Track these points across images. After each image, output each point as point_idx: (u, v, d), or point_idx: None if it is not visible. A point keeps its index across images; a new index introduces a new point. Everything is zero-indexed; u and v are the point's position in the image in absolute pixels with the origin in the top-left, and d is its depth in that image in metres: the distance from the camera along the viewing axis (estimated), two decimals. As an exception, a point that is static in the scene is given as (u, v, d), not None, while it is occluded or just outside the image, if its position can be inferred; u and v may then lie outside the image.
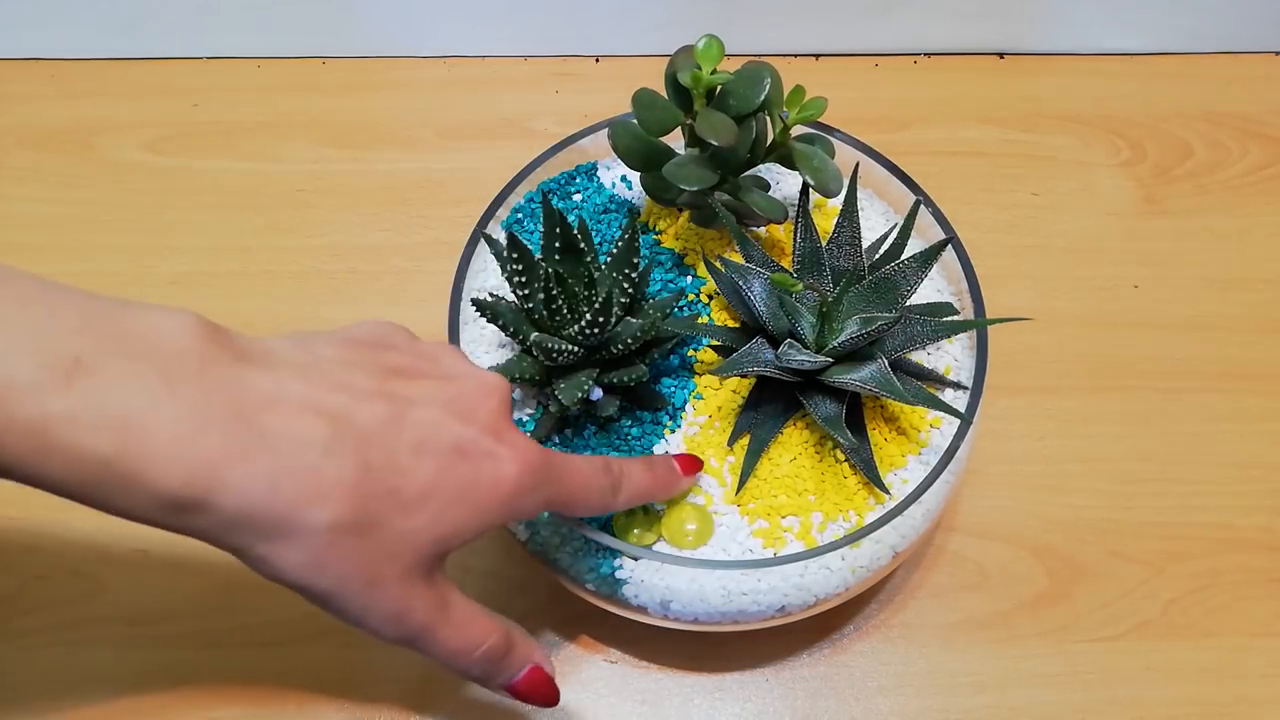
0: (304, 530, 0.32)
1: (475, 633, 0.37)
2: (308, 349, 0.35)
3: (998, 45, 0.70)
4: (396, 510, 0.34)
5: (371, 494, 0.33)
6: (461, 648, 0.37)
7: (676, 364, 0.48)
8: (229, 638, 0.50)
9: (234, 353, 0.33)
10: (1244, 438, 0.55)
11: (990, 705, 0.48)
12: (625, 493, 0.41)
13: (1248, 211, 0.63)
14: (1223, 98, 0.68)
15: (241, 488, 0.31)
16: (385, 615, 0.35)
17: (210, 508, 0.31)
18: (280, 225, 0.62)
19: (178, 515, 0.31)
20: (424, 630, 0.36)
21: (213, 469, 0.30)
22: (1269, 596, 0.51)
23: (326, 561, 0.33)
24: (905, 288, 0.45)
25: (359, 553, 0.33)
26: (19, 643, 0.49)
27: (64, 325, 0.30)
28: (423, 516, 0.34)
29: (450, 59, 0.70)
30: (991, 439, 0.54)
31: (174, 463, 0.30)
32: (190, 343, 0.32)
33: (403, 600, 0.35)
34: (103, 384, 0.30)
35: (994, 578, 0.51)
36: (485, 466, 0.35)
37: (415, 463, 0.34)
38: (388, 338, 0.38)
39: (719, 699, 0.48)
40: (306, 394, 0.33)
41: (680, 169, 0.45)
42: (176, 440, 0.30)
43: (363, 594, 0.34)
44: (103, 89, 0.68)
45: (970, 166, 0.65)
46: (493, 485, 0.35)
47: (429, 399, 0.35)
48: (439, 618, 0.36)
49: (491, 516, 0.36)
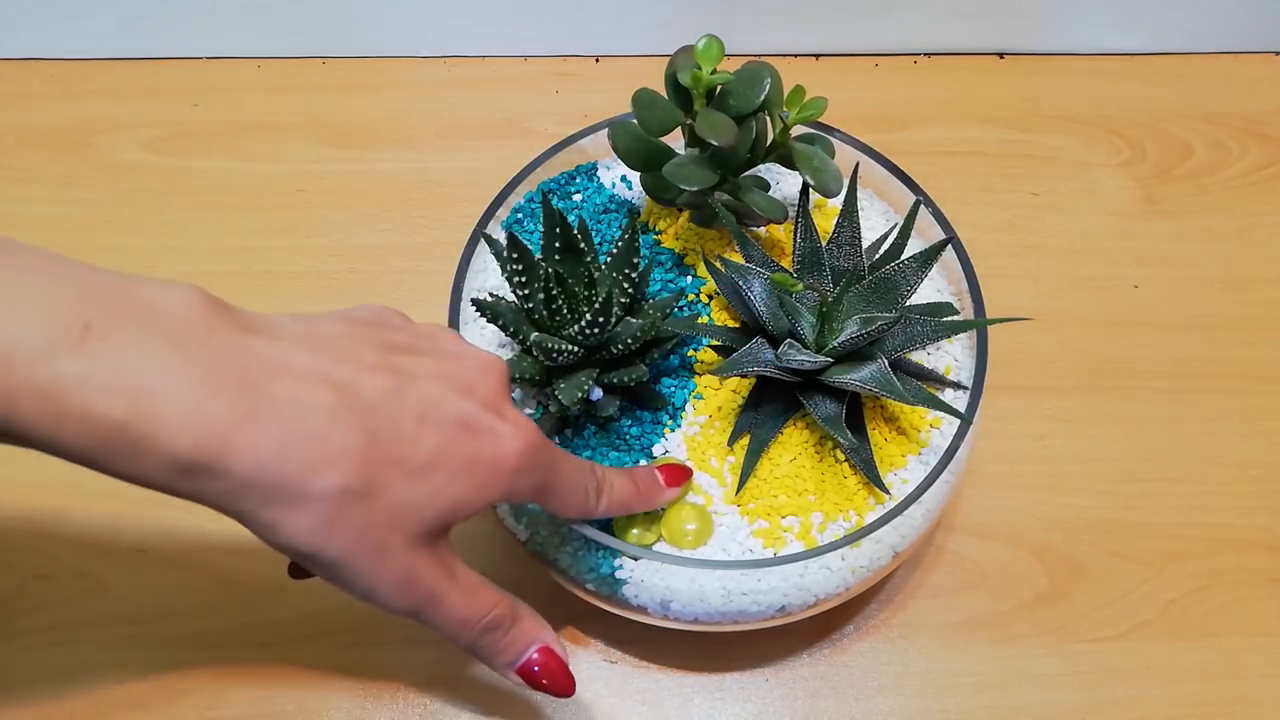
0: (312, 496, 0.32)
1: (482, 602, 0.37)
2: (310, 324, 0.36)
3: (997, 45, 0.70)
4: (403, 478, 0.34)
5: (378, 461, 0.33)
6: (468, 616, 0.37)
7: (676, 364, 0.48)
8: (229, 638, 0.50)
9: (238, 323, 0.33)
10: (1244, 438, 0.55)
11: (990, 705, 0.48)
12: (606, 500, 0.41)
13: (1248, 211, 0.63)
14: (1223, 98, 0.68)
15: (251, 452, 0.31)
16: (394, 583, 0.35)
17: (220, 472, 0.31)
18: (280, 225, 0.62)
19: (189, 480, 0.31)
20: (431, 598, 0.36)
21: (223, 433, 0.31)
22: (1269, 596, 0.51)
23: (335, 527, 0.33)
24: (905, 288, 0.45)
25: (366, 519, 0.33)
26: (19, 643, 0.49)
27: (71, 293, 0.30)
28: (429, 486, 0.34)
29: (450, 59, 0.70)
30: (991, 439, 0.54)
31: (186, 427, 0.30)
32: (195, 312, 0.32)
33: (411, 568, 0.35)
34: (114, 348, 0.30)
35: (994, 578, 0.51)
36: (488, 441, 0.35)
37: (420, 433, 0.34)
38: (385, 318, 0.39)
39: (719, 699, 0.48)
40: (312, 363, 0.33)
41: (680, 169, 0.45)
42: (188, 404, 0.30)
43: (372, 561, 0.34)
44: (103, 89, 0.68)
45: (970, 166, 0.65)
46: (496, 460, 0.36)
47: (431, 374, 0.36)
48: (446, 586, 0.36)
49: (493, 493, 0.36)
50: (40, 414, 0.29)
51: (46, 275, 0.30)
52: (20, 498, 0.52)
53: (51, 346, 0.29)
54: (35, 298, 0.30)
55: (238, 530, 0.33)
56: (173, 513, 0.52)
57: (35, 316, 0.29)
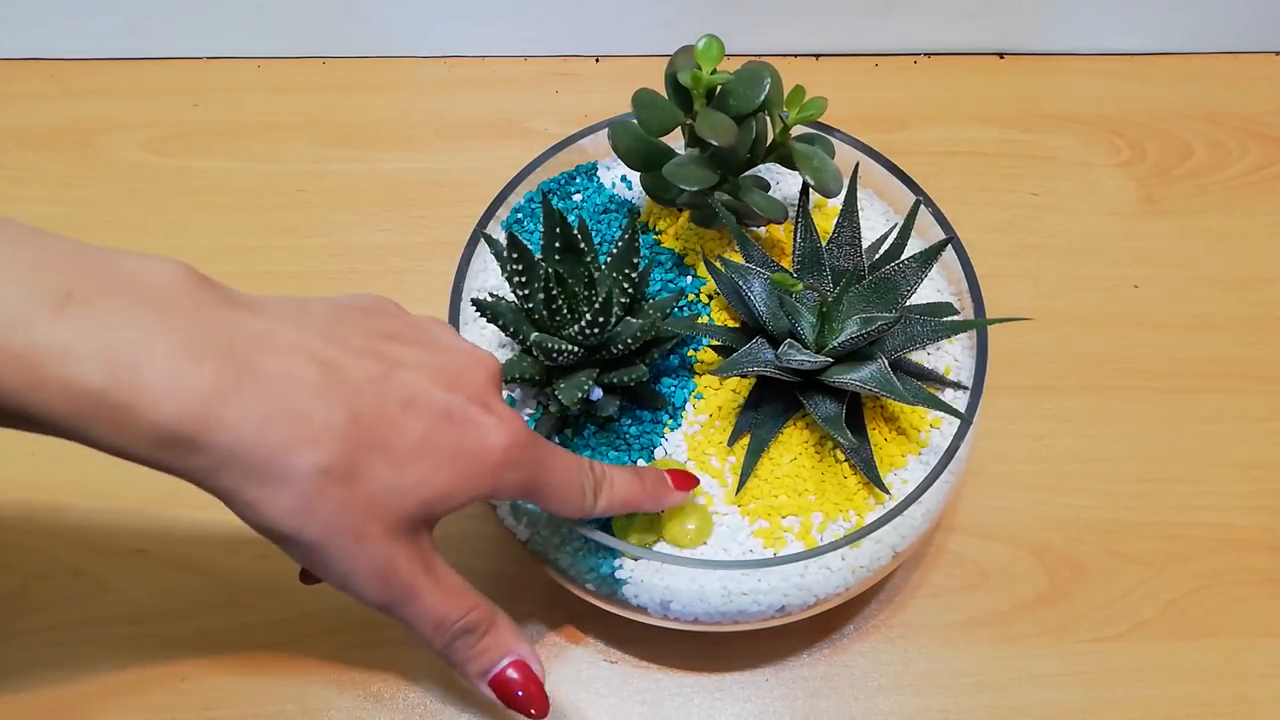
0: (293, 474, 0.31)
1: (459, 603, 0.36)
2: (300, 305, 0.35)
3: (997, 45, 0.70)
4: (386, 464, 0.33)
5: (361, 443, 0.33)
6: (443, 616, 0.36)
7: (676, 364, 0.48)
8: (229, 638, 0.50)
9: (224, 297, 0.33)
10: (1244, 438, 0.55)
11: (990, 705, 0.48)
12: (606, 498, 0.40)
13: (1248, 211, 0.63)
14: (1223, 98, 0.68)
15: (233, 425, 0.30)
16: (371, 573, 0.34)
17: (202, 445, 0.30)
18: (280, 225, 0.62)
19: (169, 452, 0.30)
20: (407, 592, 0.35)
21: (206, 404, 0.30)
22: (1269, 596, 0.51)
23: (315, 509, 0.32)
24: (905, 288, 0.45)
25: (347, 503, 0.33)
26: (19, 643, 0.49)
27: (54, 263, 0.30)
28: (412, 474, 0.34)
29: (450, 59, 0.70)
30: (991, 439, 0.54)
31: (168, 396, 0.30)
32: (182, 285, 0.32)
33: (389, 559, 0.34)
34: (96, 315, 0.29)
35: (994, 578, 0.51)
36: (473, 433, 0.35)
37: (405, 419, 0.34)
38: (380, 306, 0.38)
39: (719, 699, 0.48)
40: (300, 340, 0.33)
41: (680, 169, 0.45)
42: (170, 374, 0.30)
43: (350, 547, 0.33)
44: (103, 89, 0.68)
45: (970, 166, 0.65)
46: (481, 453, 0.35)
47: (418, 364, 0.35)
48: (424, 582, 0.35)
49: (478, 486, 0.35)
50: (19, 381, 0.29)
51: (29, 246, 0.30)
52: (20, 498, 0.52)
53: (31, 313, 0.29)
54: (15, 266, 0.29)
55: (238, 530, 0.33)
56: (173, 513, 0.52)
57: (15, 284, 0.29)
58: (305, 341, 0.33)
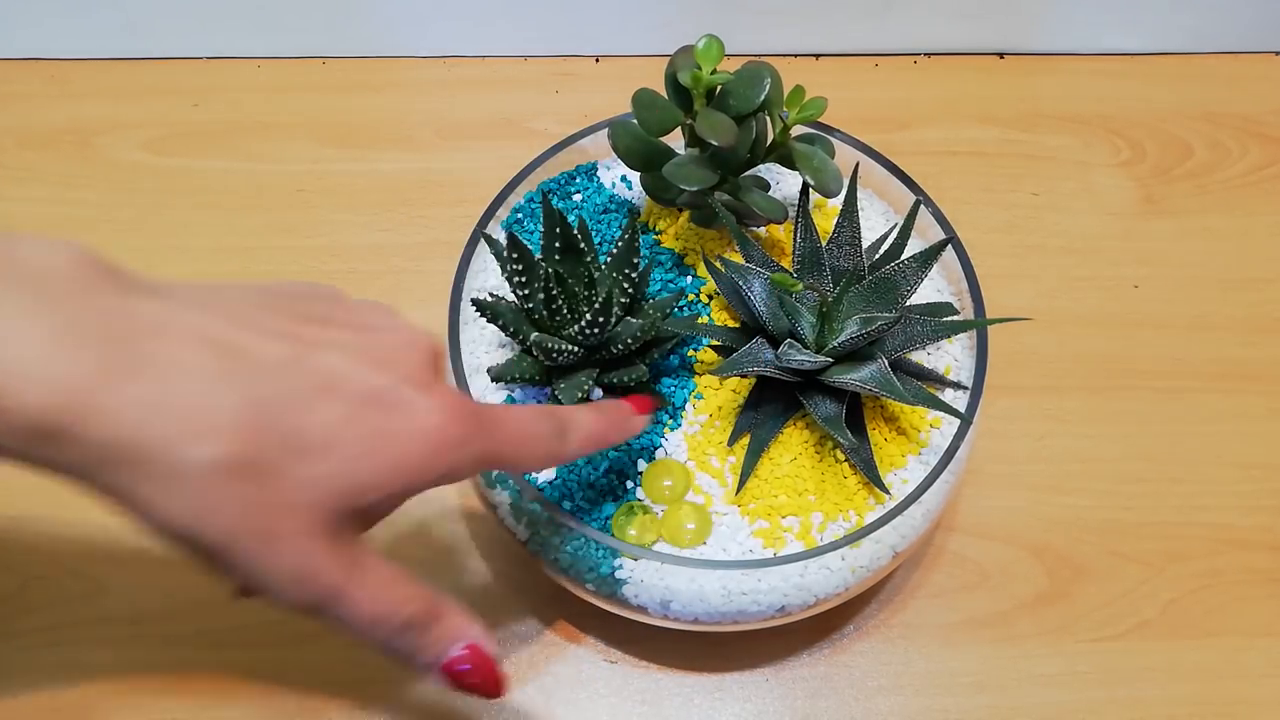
0: (185, 469, 0.29)
1: (393, 598, 0.33)
2: (214, 289, 0.33)
3: (997, 45, 0.70)
4: (294, 455, 0.30)
5: (264, 434, 0.30)
6: (378, 614, 0.33)
7: (676, 364, 0.48)
8: (229, 638, 0.50)
9: (123, 284, 0.30)
10: (1244, 438, 0.55)
11: (990, 705, 0.48)
12: (576, 437, 0.38)
13: (1248, 211, 0.63)
14: (1223, 98, 0.68)
15: (114, 415, 0.28)
16: (287, 575, 0.31)
17: (76, 436, 0.28)
18: (280, 225, 0.62)
19: (41, 445, 0.28)
20: (332, 593, 0.32)
21: (79, 393, 0.28)
22: (1269, 596, 0.51)
23: (214, 507, 0.29)
24: (905, 288, 0.45)
25: (251, 500, 0.30)
26: (19, 643, 0.49)
27: None
28: (325, 465, 0.31)
29: (450, 59, 0.70)
30: (991, 439, 0.54)
31: (37, 382, 0.27)
32: (75, 270, 0.29)
33: (306, 558, 0.31)
34: None
35: (994, 578, 0.51)
36: (400, 416, 0.32)
37: (318, 406, 0.31)
38: (315, 292, 0.36)
39: (719, 699, 0.48)
40: (200, 324, 0.30)
41: (680, 169, 0.45)
42: (42, 359, 0.27)
43: (258, 549, 0.31)
44: (103, 89, 0.68)
45: (970, 166, 0.65)
46: (411, 437, 0.32)
47: (341, 345, 0.33)
48: (350, 580, 0.32)
49: (414, 474, 0.32)
50: None
51: None
52: (20, 498, 0.52)
53: None
54: None
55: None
56: (173, 513, 0.52)
57: None
58: (206, 326, 0.30)
